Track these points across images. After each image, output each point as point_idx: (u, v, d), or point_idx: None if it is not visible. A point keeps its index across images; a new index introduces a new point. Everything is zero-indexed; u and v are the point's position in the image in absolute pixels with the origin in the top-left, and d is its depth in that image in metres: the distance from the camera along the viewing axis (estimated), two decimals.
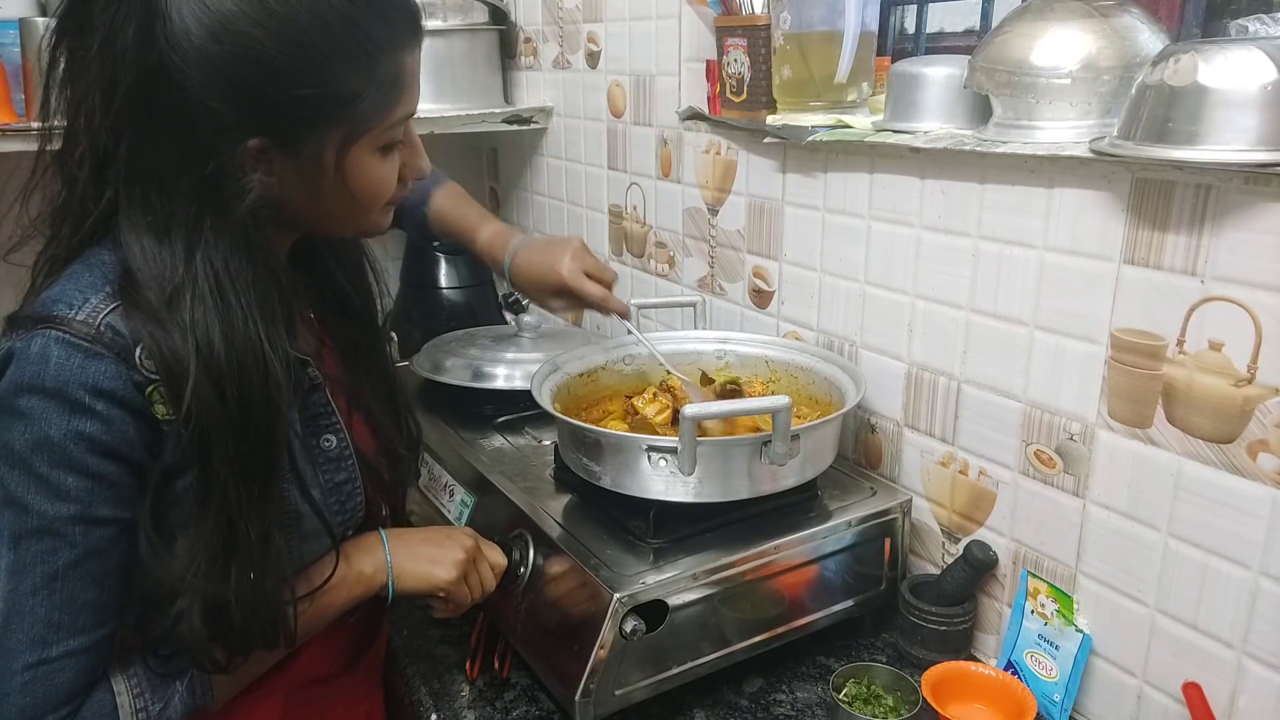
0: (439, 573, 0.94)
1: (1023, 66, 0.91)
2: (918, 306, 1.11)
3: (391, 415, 1.00)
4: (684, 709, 1.02)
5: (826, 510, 1.10)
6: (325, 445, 0.88)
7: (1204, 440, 0.84)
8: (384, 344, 1.02)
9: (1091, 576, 0.97)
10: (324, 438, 0.88)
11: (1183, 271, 0.84)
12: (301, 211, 0.81)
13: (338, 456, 0.88)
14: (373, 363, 0.99)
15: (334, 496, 0.88)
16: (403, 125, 0.81)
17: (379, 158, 0.80)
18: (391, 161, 0.82)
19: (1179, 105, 0.77)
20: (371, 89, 0.75)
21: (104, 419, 0.71)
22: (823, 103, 1.20)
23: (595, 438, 1.04)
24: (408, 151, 0.85)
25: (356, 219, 0.85)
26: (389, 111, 0.78)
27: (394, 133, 0.80)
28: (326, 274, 0.96)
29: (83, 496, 0.71)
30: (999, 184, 0.99)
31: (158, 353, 0.71)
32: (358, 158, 0.79)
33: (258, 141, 0.73)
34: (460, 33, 1.84)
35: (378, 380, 0.99)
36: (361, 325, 0.98)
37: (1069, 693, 0.97)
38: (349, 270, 0.98)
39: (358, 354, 0.97)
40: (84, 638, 0.73)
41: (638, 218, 1.64)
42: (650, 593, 0.95)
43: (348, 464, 0.89)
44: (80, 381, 0.70)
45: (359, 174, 0.79)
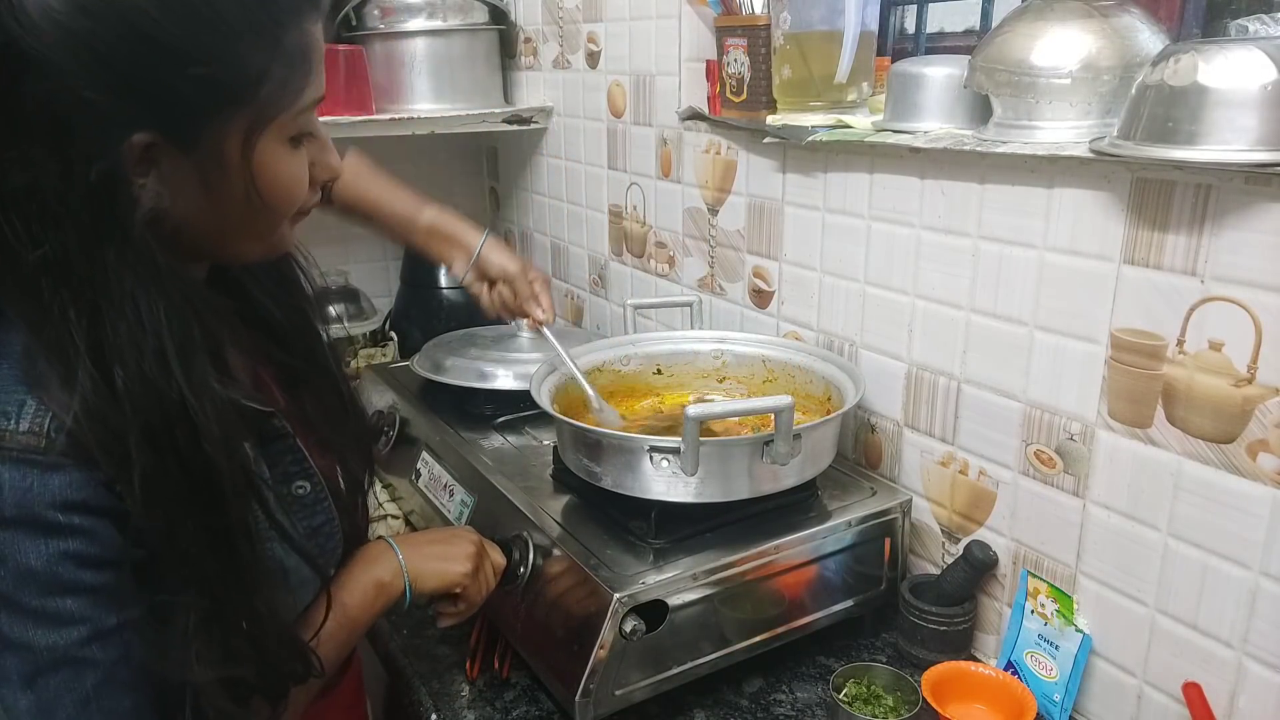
0: (454, 568, 0.93)
1: (1023, 66, 0.91)
2: (918, 306, 1.11)
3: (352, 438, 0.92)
4: (684, 709, 1.02)
5: (826, 510, 1.10)
6: (299, 493, 0.81)
7: (1204, 440, 0.85)
8: (330, 363, 0.91)
9: (1091, 576, 0.97)
10: (296, 485, 0.81)
11: (1183, 271, 0.84)
12: (198, 224, 0.68)
13: (313, 502, 0.82)
14: (320, 387, 0.89)
15: (313, 541, 0.82)
16: (312, 112, 0.71)
17: (289, 151, 0.70)
18: (302, 158, 0.72)
19: (1179, 105, 0.77)
20: (278, 65, 0.65)
21: (84, 532, 0.63)
22: (823, 103, 1.20)
23: (596, 438, 1.04)
24: (316, 147, 0.74)
25: (264, 233, 0.73)
26: (299, 92, 0.67)
27: (304, 120, 0.70)
28: (245, 297, 0.83)
29: (88, 615, 0.64)
30: (999, 184, 0.99)
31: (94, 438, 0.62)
32: (267, 151, 0.67)
33: (144, 136, 0.62)
34: (460, 32, 1.84)
35: (329, 404, 0.90)
36: (297, 349, 0.87)
37: (1069, 693, 0.97)
38: (271, 289, 0.85)
39: (299, 380, 0.87)
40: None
41: (638, 218, 1.64)
42: (650, 593, 0.95)
43: (324, 507, 0.83)
44: (46, 501, 0.61)
45: (269, 172, 0.68)
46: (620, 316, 1.71)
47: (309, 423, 0.86)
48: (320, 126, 0.74)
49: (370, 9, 1.81)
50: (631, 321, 1.37)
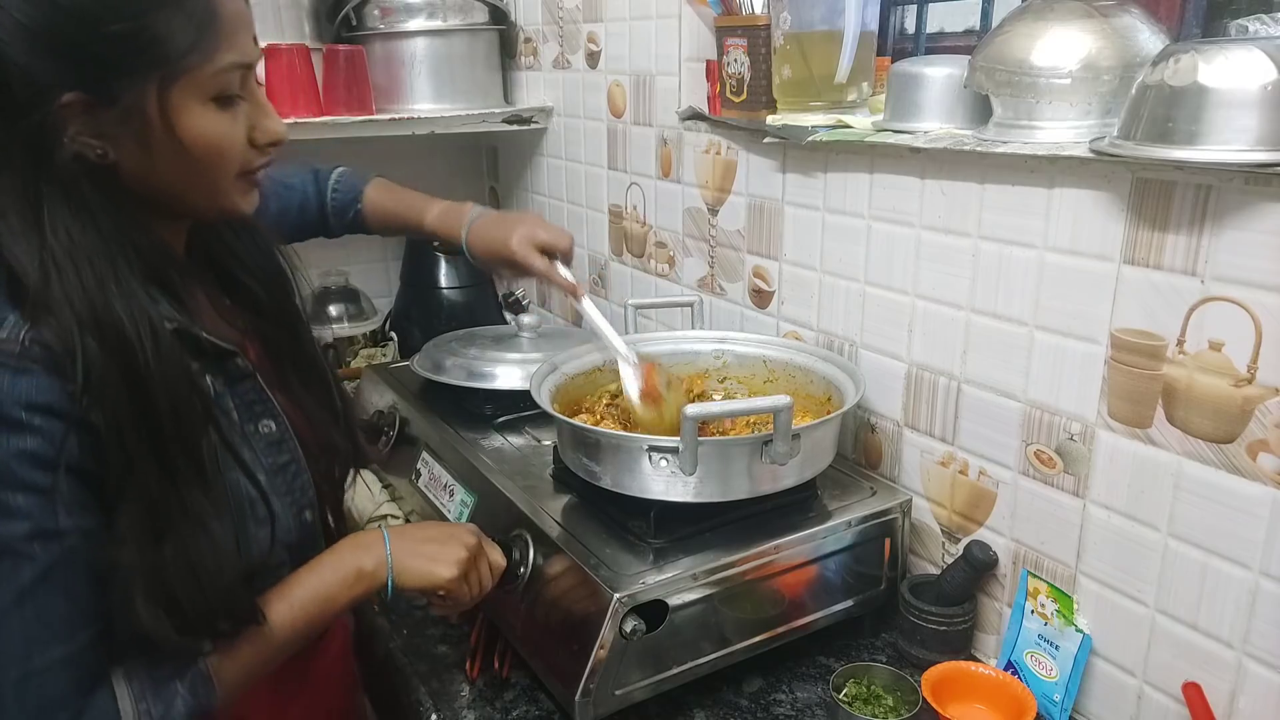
0: (440, 570, 0.93)
1: (1023, 66, 0.91)
2: (918, 306, 1.11)
3: (325, 405, 0.99)
4: (684, 709, 1.02)
5: (826, 510, 1.10)
6: (265, 430, 0.87)
7: (1204, 440, 0.84)
8: (305, 333, 1.00)
9: (1091, 576, 0.97)
10: (262, 423, 0.87)
11: (1183, 271, 0.84)
12: (146, 179, 0.77)
13: (278, 439, 0.88)
14: (297, 354, 0.97)
15: (279, 478, 0.88)
16: (235, 75, 0.77)
17: (213, 111, 0.76)
18: (232, 118, 0.78)
19: (1179, 105, 0.77)
20: (180, 24, 0.71)
21: (43, 433, 0.69)
22: (823, 102, 1.20)
23: (595, 438, 1.04)
24: (256, 112, 0.81)
25: (206, 188, 0.80)
26: (208, 54, 0.74)
27: (222, 81, 0.76)
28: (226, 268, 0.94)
29: (34, 512, 0.70)
30: (999, 184, 0.99)
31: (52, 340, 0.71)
32: (184, 108, 0.74)
33: (72, 96, 0.70)
34: (460, 33, 1.84)
35: (305, 370, 0.98)
36: (273, 318, 0.96)
37: (1069, 693, 0.97)
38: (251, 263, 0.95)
39: (278, 347, 0.96)
40: (65, 646, 0.72)
41: (638, 218, 1.64)
42: (650, 593, 0.95)
43: (289, 445, 0.89)
44: (12, 399, 0.68)
45: (190, 128, 0.75)
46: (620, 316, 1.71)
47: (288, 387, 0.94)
48: (259, 93, 0.81)
49: (370, 9, 1.81)
50: (632, 321, 1.37)
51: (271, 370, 0.94)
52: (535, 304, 2.01)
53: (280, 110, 1.64)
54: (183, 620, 0.76)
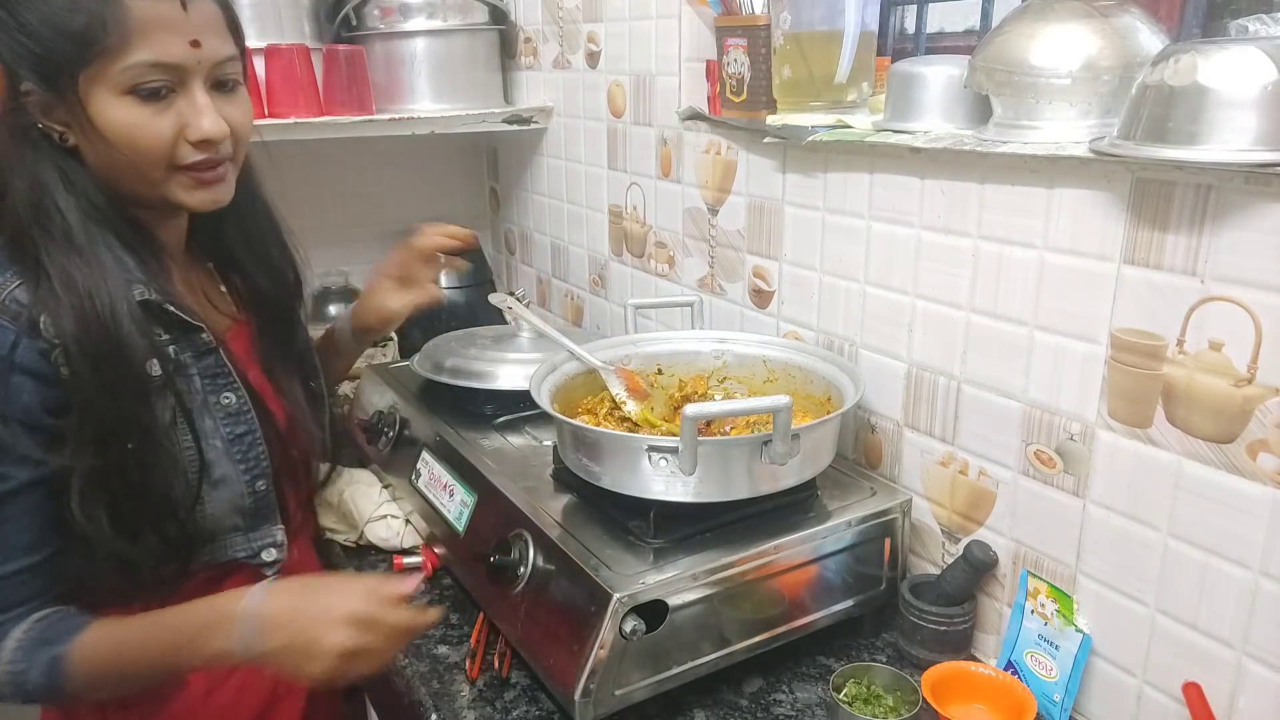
0: (312, 668, 0.83)
1: (1023, 66, 0.91)
2: (918, 306, 1.11)
3: (304, 393, 1.08)
4: (684, 709, 1.02)
5: (826, 510, 1.10)
6: (225, 402, 0.95)
7: (1204, 440, 0.84)
8: (295, 325, 1.10)
9: (1091, 576, 0.97)
10: (223, 395, 0.95)
11: (1183, 271, 0.84)
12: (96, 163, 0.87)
13: (237, 412, 0.96)
14: (288, 345, 1.08)
15: (236, 448, 0.95)
16: (155, 73, 0.84)
17: (132, 103, 0.84)
18: (154, 112, 0.85)
19: (1179, 105, 0.77)
20: (88, 23, 0.80)
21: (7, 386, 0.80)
22: (823, 102, 1.20)
23: (595, 438, 1.04)
24: (189, 109, 0.87)
25: (137, 176, 0.88)
26: (117, 51, 0.82)
27: (134, 76, 0.83)
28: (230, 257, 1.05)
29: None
30: (999, 184, 0.99)
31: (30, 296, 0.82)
32: (98, 99, 0.83)
33: (28, 85, 0.82)
34: (460, 33, 1.84)
35: (290, 359, 1.08)
36: (269, 308, 1.06)
37: (1069, 693, 0.97)
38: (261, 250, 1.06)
39: (271, 336, 1.06)
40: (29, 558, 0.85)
41: (638, 218, 1.64)
42: (650, 593, 0.95)
43: (247, 418, 0.96)
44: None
45: (102, 117, 0.83)
46: (620, 316, 1.71)
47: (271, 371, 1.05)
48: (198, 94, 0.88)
49: (370, 9, 1.81)
50: (632, 321, 1.37)
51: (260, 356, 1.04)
52: (535, 304, 2.01)
53: (280, 110, 1.65)
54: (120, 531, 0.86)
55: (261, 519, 0.99)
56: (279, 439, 1.00)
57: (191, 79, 0.87)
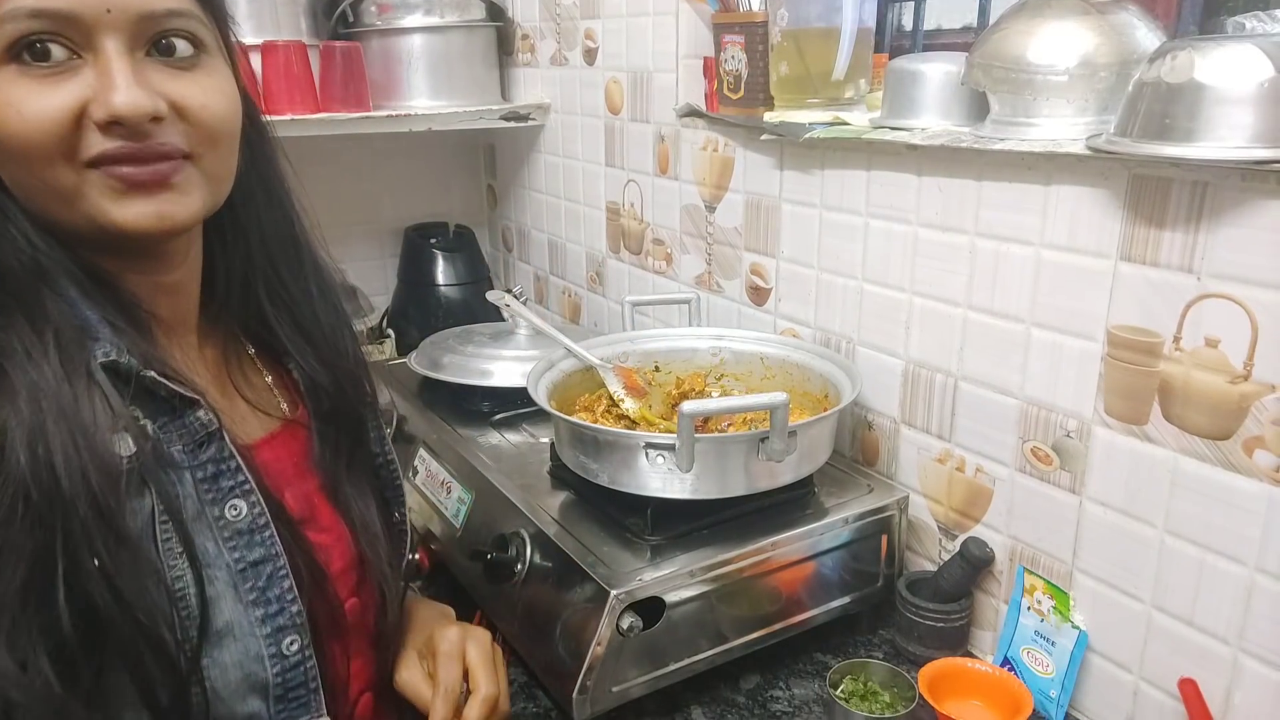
0: None
1: (1020, 63, 0.91)
2: (915, 303, 1.11)
3: (381, 520, 0.81)
4: (681, 706, 1.02)
5: (823, 507, 1.10)
6: (232, 515, 0.66)
7: (1200, 437, 0.85)
8: (369, 434, 0.83)
9: (1088, 573, 0.97)
10: (229, 505, 0.66)
11: (1179, 268, 0.84)
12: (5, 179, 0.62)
13: (249, 529, 0.66)
14: (354, 455, 0.80)
15: (249, 583, 0.65)
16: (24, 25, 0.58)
17: (13, 75, 0.58)
18: (43, 83, 0.59)
19: (1176, 102, 0.77)
20: None
21: None
22: (820, 99, 1.20)
23: (592, 435, 1.04)
24: (101, 81, 0.59)
25: (40, 185, 0.61)
26: None
27: (8, 32, 0.58)
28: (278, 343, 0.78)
29: None
30: (996, 181, 0.99)
31: None
32: None
33: None
34: (457, 29, 1.83)
35: (359, 478, 0.80)
36: (334, 406, 0.79)
37: (1065, 689, 0.98)
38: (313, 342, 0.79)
39: (330, 440, 0.78)
40: None
41: (635, 215, 1.64)
42: (647, 590, 0.95)
43: (264, 538, 0.66)
44: None
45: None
46: (618, 314, 1.71)
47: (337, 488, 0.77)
48: (112, 61, 0.60)
49: (367, 6, 1.80)
50: (630, 319, 1.37)
51: (315, 464, 0.77)
52: (533, 301, 2.01)
53: (277, 107, 1.65)
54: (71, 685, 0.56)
55: (297, 705, 0.67)
56: (324, 583, 0.71)
57: (101, 35, 0.59)
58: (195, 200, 0.65)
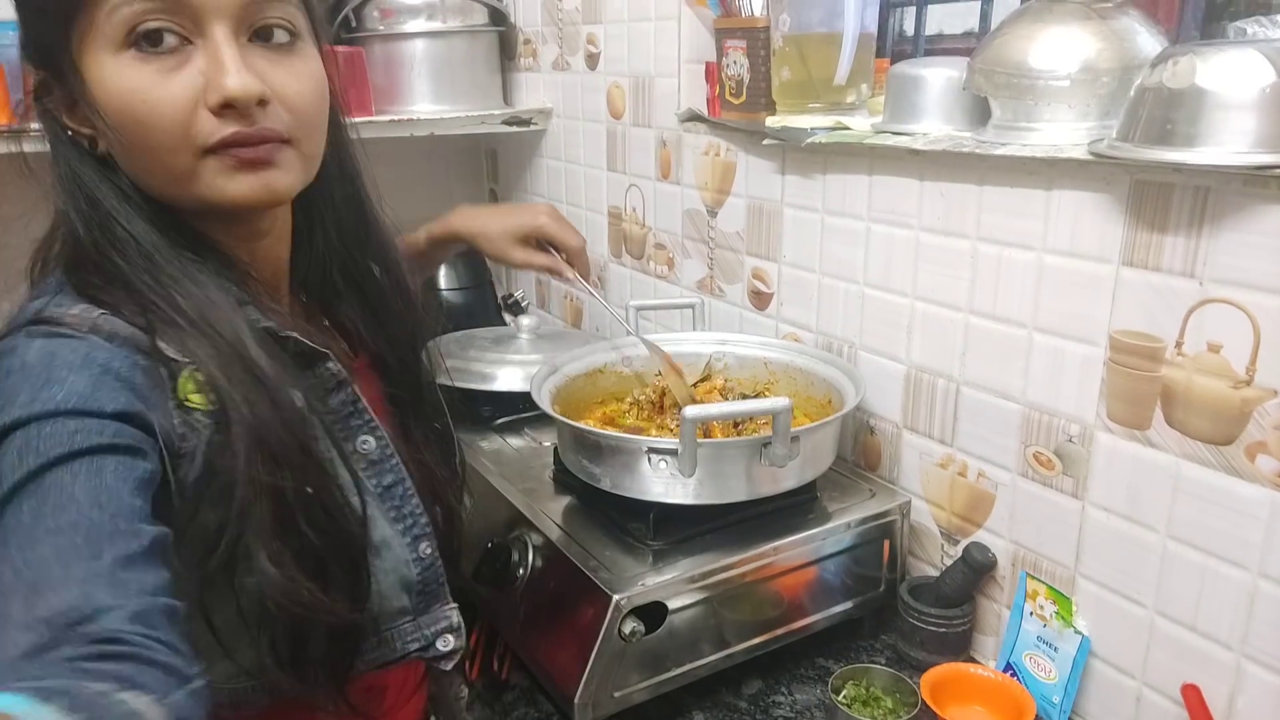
0: None
1: (1021, 68, 0.91)
2: (917, 308, 1.11)
3: (434, 435, 0.88)
4: (683, 711, 1.02)
5: (825, 512, 1.10)
6: (364, 448, 0.75)
7: (1202, 442, 0.85)
8: (420, 365, 0.88)
9: (1090, 578, 0.97)
10: (360, 439, 0.75)
11: (1181, 273, 0.84)
12: (123, 162, 0.67)
13: (380, 459, 0.76)
14: (414, 385, 0.86)
15: (388, 503, 0.76)
16: (150, 11, 0.61)
17: (130, 62, 0.62)
18: (161, 71, 0.63)
19: (1178, 107, 0.77)
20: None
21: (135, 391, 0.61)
22: (822, 104, 1.20)
23: (595, 439, 1.04)
24: (210, 65, 0.63)
25: (157, 166, 0.66)
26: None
27: (126, 18, 0.61)
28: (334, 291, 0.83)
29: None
30: (998, 186, 0.99)
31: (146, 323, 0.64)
32: (95, 63, 0.62)
33: (39, 75, 0.65)
34: (459, 34, 1.84)
35: (420, 403, 0.87)
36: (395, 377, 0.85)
37: (1068, 694, 0.97)
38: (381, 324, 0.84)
39: (393, 379, 0.85)
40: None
41: (637, 219, 1.64)
42: (649, 594, 0.95)
43: (392, 465, 0.76)
44: (121, 358, 0.61)
45: (104, 89, 0.63)
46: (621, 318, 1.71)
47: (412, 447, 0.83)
48: (221, 46, 0.64)
49: (370, 10, 1.81)
50: (633, 323, 1.37)
51: (389, 402, 0.84)
52: (534, 305, 2.01)
53: None
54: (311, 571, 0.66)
55: (432, 596, 0.79)
56: (431, 492, 0.82)
57: (210, 22, 0.63)
58: (295, 175, 0.70)
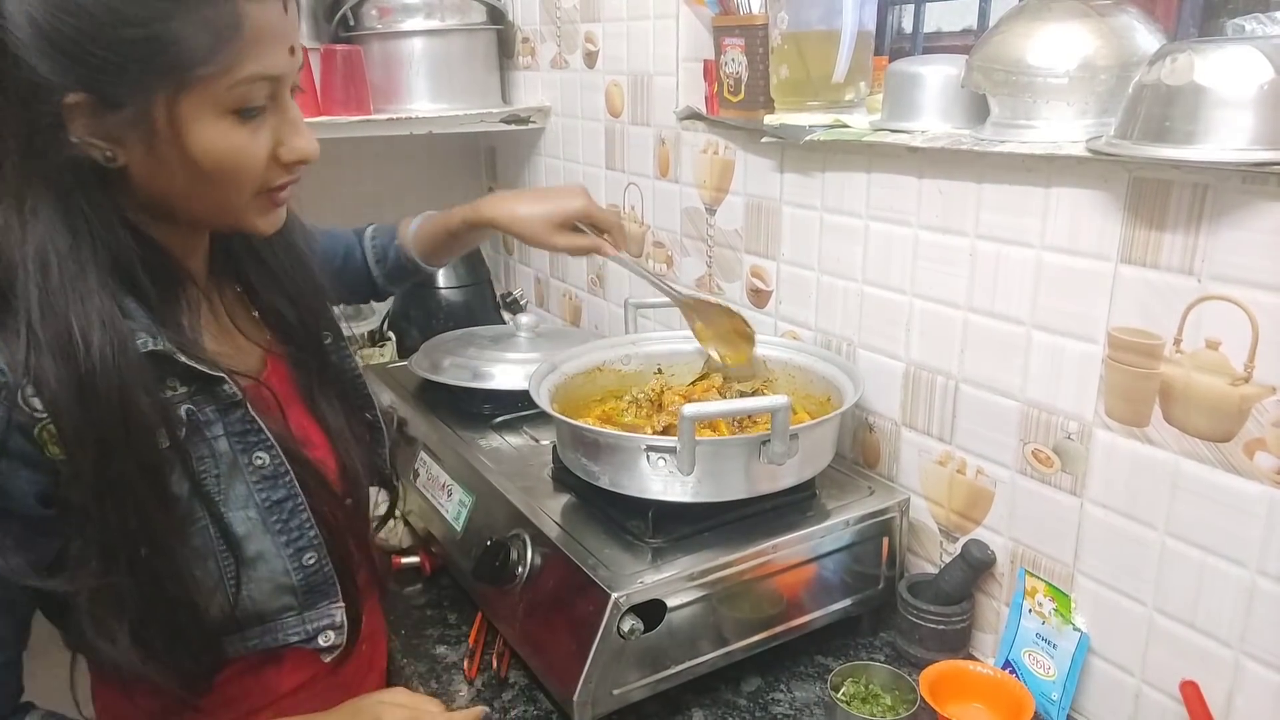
0: None
1: (1020, 66, 0.91)
2: (915, 306, 1.11)
3: (353, 422, 0.95)
4: (682, 708, 1.02)
5: (824, 510, 1.10)
6: (258, 463, 0.81)
7: (1201, 439, 0.85)
8: (331, 354, 0.95)
9: (1089, 575, 0.97)
10: (255, 455, 0.81)
11: (1180, 271, 0.84)
12: (154, 186, 0.74)
13: (273, 474, 0.82)
14: (325, 372, 0.93)
15: (274, 516, 0.82)
16: (259, 88, 0.72)
17: (231, 124, 0.72)
18: (252, 132, 0.73)
19: (1176, 104, 0.77)
20: (194, 33, 0.67)
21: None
22: (820, 102, 1.20)
23: (594, 437, 1.04)
24: (284, 128, 0.75)
25: (219, 202, 0.76)
26: (226, 65, 0.69)
27: (242, 94, 0.71)
28: (251, 283, 0.90)
29: None
30: (996, 183, 0.99)
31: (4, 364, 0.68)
32: (195, 119, 0.70)
33: (78, 97, 0.68)
34: (458, 32, 1.84)
35: (331, 387, 0.93)
36: (301, 335, 0.92)
37: (1067, 691, 0.97)
38: (282, 276, 0.91)
39: (305, 364, 0.92)
40: None
41: (636, 217, 1.64)
42: (648, 592, 0.95)
43: (284, 481, 0.82)
44: None
45: (201, 140, 0.71)
46: (619, 316, 1.71)
47: (315, 406, 0.91)
48: (292, 107, 0.76)
49: (368, 9, 1.81)
50: (632, 321, 1.37)
51: (297, 390, 0.91)
52: (533, 304, 2.01)
53: None
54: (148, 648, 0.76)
55: (318, 596, 0.86)
56: (332, 496, 0.87)
57: (283, 90, 0.75)
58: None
